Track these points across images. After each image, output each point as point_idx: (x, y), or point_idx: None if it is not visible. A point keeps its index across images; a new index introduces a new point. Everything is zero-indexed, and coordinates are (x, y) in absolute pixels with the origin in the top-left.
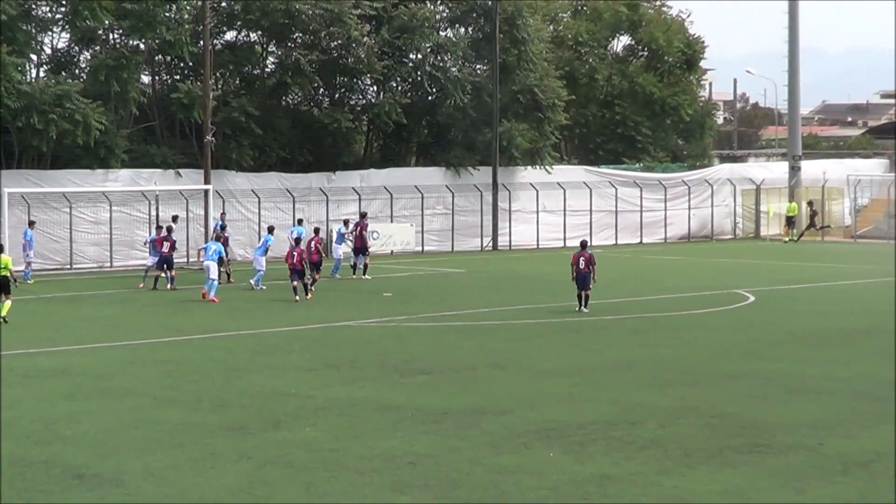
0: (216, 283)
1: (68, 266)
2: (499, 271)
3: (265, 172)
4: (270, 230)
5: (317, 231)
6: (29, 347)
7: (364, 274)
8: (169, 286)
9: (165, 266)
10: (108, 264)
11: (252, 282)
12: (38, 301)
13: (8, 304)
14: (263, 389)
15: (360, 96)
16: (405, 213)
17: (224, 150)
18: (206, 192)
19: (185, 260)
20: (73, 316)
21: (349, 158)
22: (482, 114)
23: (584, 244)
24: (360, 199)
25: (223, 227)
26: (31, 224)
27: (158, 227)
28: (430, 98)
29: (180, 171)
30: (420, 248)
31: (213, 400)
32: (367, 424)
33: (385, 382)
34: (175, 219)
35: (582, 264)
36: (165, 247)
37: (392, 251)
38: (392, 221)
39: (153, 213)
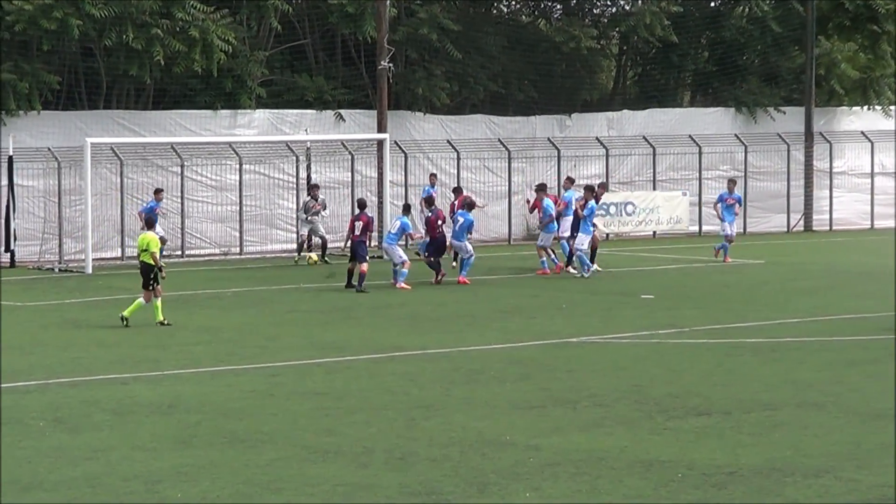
0: (405, 269)
1: (178, 252)
2: (814, 264)
3: (467, 115)
4: (406, 209)
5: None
6: (122, 371)
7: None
8: (358, 286)
9: (357, 256)
10: (237, 249)
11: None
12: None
13: (158, 303)
14: (463, 436)
15: (608, 2)
16: (674, 175)
17: (407, 82)
18: (381, 143)
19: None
20: (186, 325)
21: (592, 95)
22: (789, 28)
23: None
24: (606, 155)
25: (429, 201)
26: (158, 193)
27: (312, 188)
28: (711, 4)
29: (342, 112)
30: (696, 229)
31: (389, 451)
32: (615, 488)
33: (643, 427)
34: (313, 189)
35: None
36: (358, 228)
37: (655, 232)
38: (655, 188)
39: (301, 173)
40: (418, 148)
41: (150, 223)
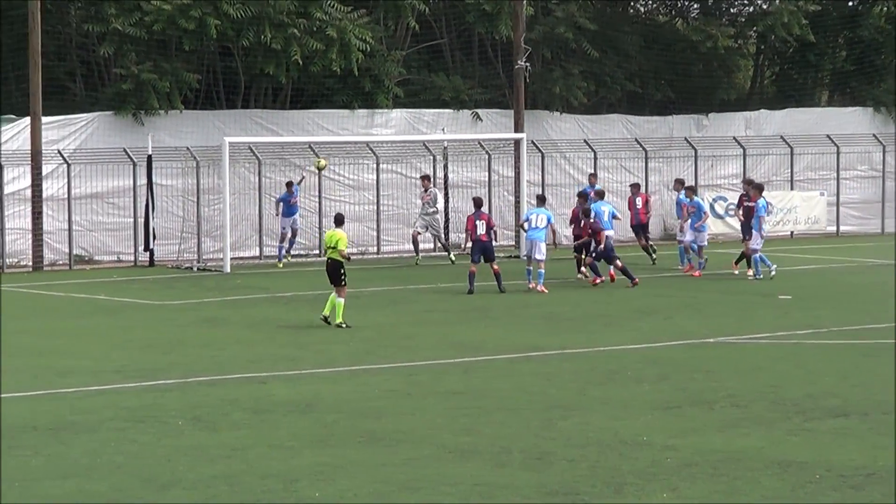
0: (542, 270)
1: (316, 250)
2: None
3: (604, 115)
4: (542, 201)
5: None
6: (260, 370)
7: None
8: (500, 288)
9: (483, 257)
10: (374, 248)
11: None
12: (274, 302)
13: (340, 303)
14: (600, 436)
15: (746, 1)
16: (812, 175)
17: (544, 81)
18: (518, 142)
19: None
20: (323, 325)
21: (729, 95)
22: None
23: None
24: (744, 154)
25: (590, 196)
26: (290, 185)
27: (423, 179)
28: (849, 4)
29: (479, 111)
30: (834, 229)
31: (526, 451)
32: (753, 489)
33: (781, 427)
34: (424, 180)
35: None
36: (481, 227)
37: (792, 232)
38: (793, 188)
39: (438, 172)
40: (555, 147)
41: (338, 220)
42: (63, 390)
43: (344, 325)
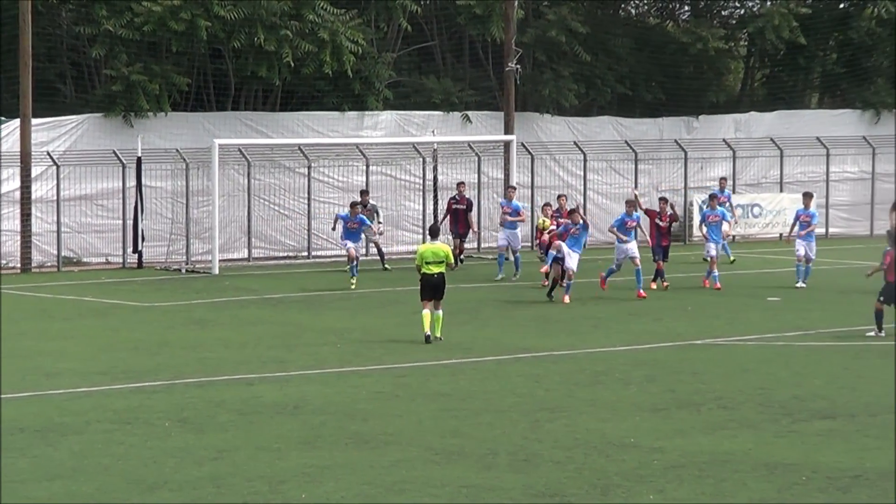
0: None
1: (305, 253)
2: None
3: (595, 117)
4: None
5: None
6: (248, 372)
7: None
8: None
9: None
10: (364, 251)
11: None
12: (262, 304)
13: (440, 315)
14: (587, 438)
15: (737, 3)
16: (801, 177)
17: (534, 83)
18: (507, 144)
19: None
20: (311, 327)
21: (720, 97)
22: None
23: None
24: (734, 157)
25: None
26: (354, 207)
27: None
28: (840, 6)
29: (469, 113)
30: (823, 230)
31: (513, 452)
32: (740, 490)
33: (768, 429)
34: (363, 195)
35: None
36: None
37: (781, 234)
38: (782, 190)
39: (428, 174)
40: (545, 150)
41: (434, 232)
42: (50, 392)
43: (441, 338)
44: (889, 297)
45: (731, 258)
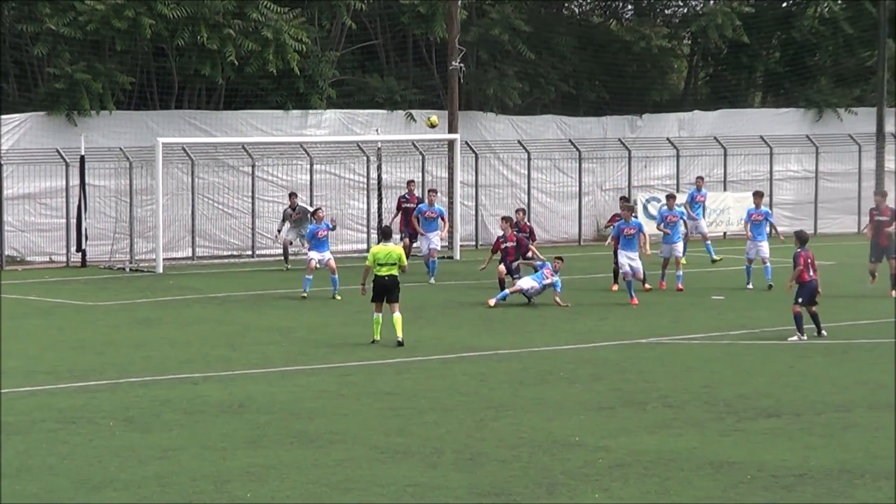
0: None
1: (249, 252)
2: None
3: (538, 115)
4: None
5: (625, 201)
6: (193, 371)
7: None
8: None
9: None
10: (306, 250)
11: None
12: (207, 303)
13: (399, 317)
14: (533, 437)
15: (679, 2)
16: (745, 176)
17: (478, 82)
18: (451, 143)
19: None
20: (256, 326)
21: (663, 96)
22: (861, 29)
23: (803, 238)
24: (677, 156)
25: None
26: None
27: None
28: (783, 5)
29: (413, 112)
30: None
31: (459, 451)
32: (685, 489)
33: (713, 428)
34: (291, 197)
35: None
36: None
37: (725, 233)
38: (725, 189)
39: (372, 173)
40: (489, 148)
41: (387, 234)
42: None
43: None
44: (806, 298)
45: (717, 258)
